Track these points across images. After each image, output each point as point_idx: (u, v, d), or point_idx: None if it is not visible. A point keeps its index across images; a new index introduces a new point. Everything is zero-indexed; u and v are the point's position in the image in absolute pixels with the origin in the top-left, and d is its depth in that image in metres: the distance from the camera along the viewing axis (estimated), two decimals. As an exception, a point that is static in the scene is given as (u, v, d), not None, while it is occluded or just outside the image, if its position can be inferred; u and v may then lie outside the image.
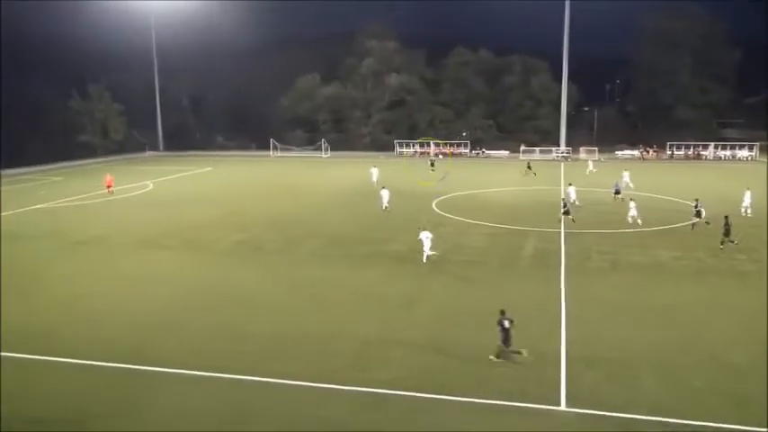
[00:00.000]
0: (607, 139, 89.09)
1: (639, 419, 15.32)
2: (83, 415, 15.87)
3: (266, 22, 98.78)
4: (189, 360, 18.72)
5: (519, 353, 18.22)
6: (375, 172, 55.11)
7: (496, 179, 57.08)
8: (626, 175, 48.23)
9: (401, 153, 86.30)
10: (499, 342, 18.28)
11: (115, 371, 18.24)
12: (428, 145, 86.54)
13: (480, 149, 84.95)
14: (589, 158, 70.89)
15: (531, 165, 61.64)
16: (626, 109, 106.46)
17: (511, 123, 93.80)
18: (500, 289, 25.18)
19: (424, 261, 28.64)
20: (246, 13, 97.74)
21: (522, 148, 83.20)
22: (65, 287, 26.41)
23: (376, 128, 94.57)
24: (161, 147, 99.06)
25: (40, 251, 32.82)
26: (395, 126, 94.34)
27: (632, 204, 36.79)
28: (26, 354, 19.33)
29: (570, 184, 43.47)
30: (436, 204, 44.43)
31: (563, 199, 38.72)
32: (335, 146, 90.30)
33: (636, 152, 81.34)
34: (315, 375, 17.60)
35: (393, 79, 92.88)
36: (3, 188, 57.38)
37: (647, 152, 79.32)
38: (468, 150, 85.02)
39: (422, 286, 25.71)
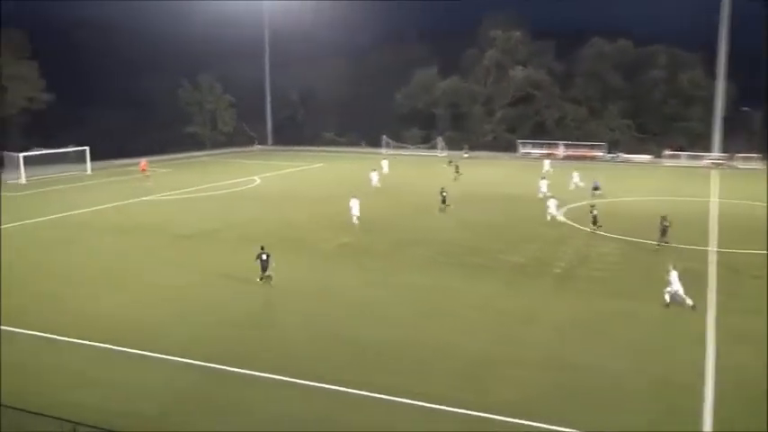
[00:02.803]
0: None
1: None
2: (174, 413, 16.65)
3: (382, 15, 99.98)
4: (283, 365, 19.19)
5: (270, 277, 26.69)
6: (385, 164, 63.32)
7: (634, 187, 54.77)
8: (576, 176, 52.59)
9: (525, 154, 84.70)
10: (260, 270, 26.81)
11: (209, 371, 18.97)
12: (555, 146, 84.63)
13: (617, 153, 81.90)
14: (543, 159, 70.92)
15: (454, 163, 63.87)
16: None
17: (654, 124, 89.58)
18: (633, 312, 24.03)
19: (355, 222, 38.06)
20: (362, 7, 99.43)
21: (667, 152, 79.41)
22: (163, 281, 27.95)
23: (498, 126, 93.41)
24: (270, 141, 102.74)
25: (142, 244, 34.92)
26: (519, 124, 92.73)
27: (552, 203, 40.33)
28: (114, 345, 20.52)
29: (543, 178, 49.33)
30: (562, 213, 43.26)
31: (442, 192, 43.55)
32: (453, 144, 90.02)
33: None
34: (418, 392, 17.53)
35: (518, 72, 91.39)
36: (110, 179, 61.66)
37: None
38: (603, 154, 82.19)
39: (543, 302, 25.05)
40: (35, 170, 62.50)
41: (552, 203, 40.65)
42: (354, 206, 39.14)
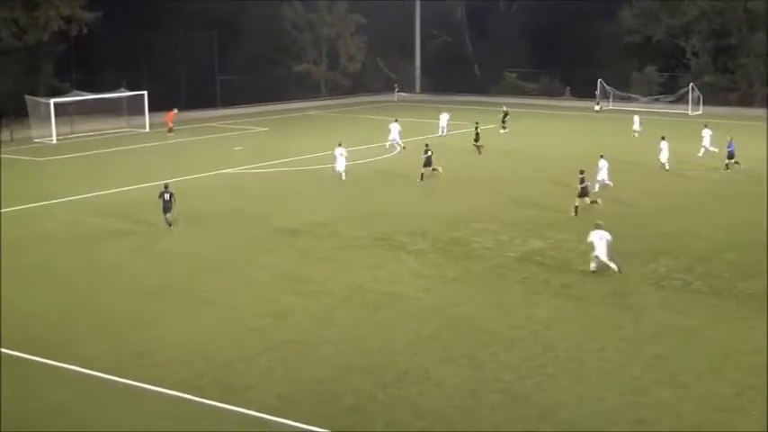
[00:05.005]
0: None
1: None
2: None
3: None
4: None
5: (170, 225, 36.76)
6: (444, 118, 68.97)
7: None
8: (707, 135, 58.74)
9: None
10: (162, 213, 36.59)
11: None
12: None
13: None
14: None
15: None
16: None
17: None
18: None
19: (343, 178, 47.08)
20: None
21: None
22: (259, 298, 28.21)
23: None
24: (417, 86, 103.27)
25: (226, 241, 35.51)
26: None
27: (664, 145, 52.27)
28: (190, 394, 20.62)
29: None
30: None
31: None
32: (715, 96, 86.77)
33: None
34: None
35: None
36: (178, 139, 63.83)
37: None
38: None
39: None
40: (72, 124, 65.92)
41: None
42: (340, 159, 47.92)
